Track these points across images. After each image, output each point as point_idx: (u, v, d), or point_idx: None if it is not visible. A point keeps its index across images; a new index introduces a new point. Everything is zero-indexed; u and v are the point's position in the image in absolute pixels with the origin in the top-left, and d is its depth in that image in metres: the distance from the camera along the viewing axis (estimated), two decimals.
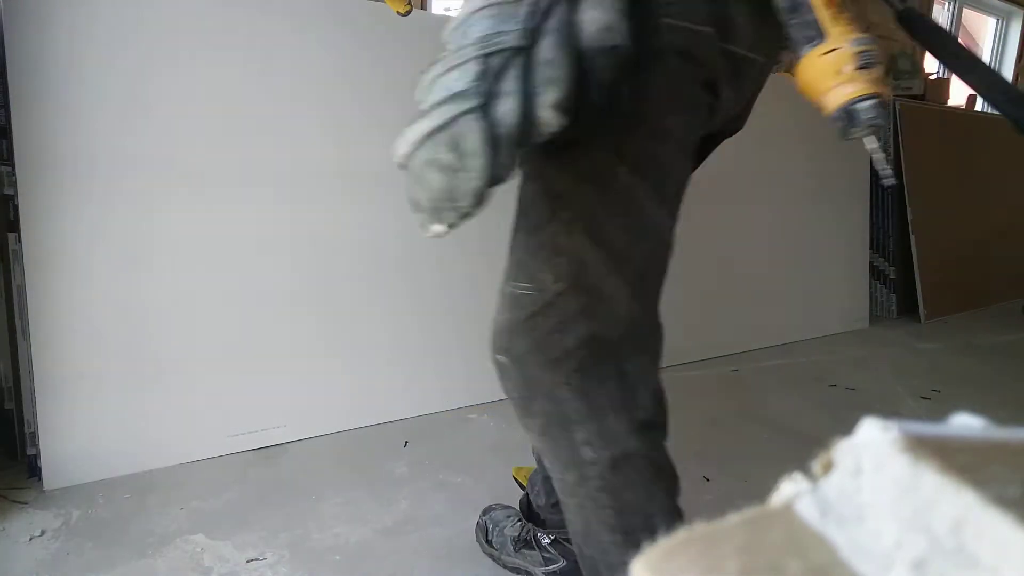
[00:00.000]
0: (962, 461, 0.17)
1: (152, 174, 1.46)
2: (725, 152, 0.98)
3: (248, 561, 1.21)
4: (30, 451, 1.42)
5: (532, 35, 0.59)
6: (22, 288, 1.37)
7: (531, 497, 1.12)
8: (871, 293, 3.29)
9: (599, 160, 0.70)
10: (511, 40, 0.59)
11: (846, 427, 0.19)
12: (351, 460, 1.59)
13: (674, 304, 2.46)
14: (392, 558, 1.25)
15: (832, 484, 0.19)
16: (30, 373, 1.39)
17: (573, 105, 0.60)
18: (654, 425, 0.78)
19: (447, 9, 2.32)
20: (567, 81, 0.59)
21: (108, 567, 1.18)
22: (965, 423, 0.20)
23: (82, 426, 1.42)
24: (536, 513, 1.12)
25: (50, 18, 1.34)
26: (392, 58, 1.71)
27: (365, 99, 1.69)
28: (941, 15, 4.35)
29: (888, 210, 3.28)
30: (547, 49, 0.59)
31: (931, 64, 4.17)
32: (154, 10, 1.44)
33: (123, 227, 1.45)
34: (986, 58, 4.83)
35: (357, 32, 1.69)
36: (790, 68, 0.64)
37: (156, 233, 1.48)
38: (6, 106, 1.33)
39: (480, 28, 0.60)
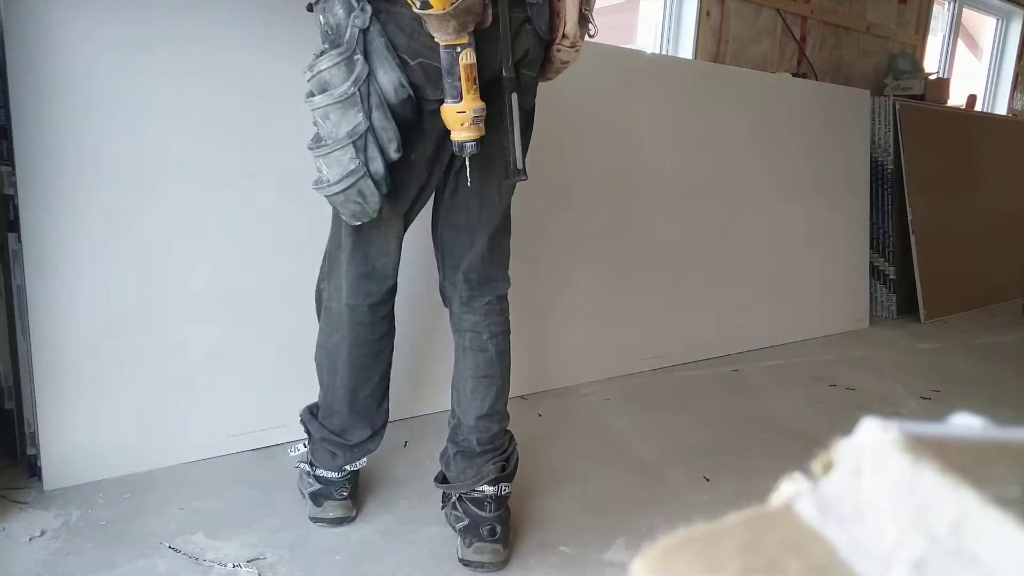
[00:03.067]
0: (962, 461, 0.17)
1: (152, 174, 1.46)
2: (726, 153, 0.99)
3: (248, 561, 1.21)
4: (30, 451, 1.42)
5: (369, 116, 1.04)
6: (22, 288, 1.37)
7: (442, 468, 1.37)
8: (871, 293, 3.29)
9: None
10: (362, 127, 1.04)
11: (846, 427, 0.19)
12: None
13: (675, 304, 2.48)
14: (392, 558, 1.25)
15: (832, 484, 0.19)
16: (30, 373, 1.39)
17: (401, 140, 1.07)
18: None
19: None
20: (394, 131, 1.06)
21: (108, 567, 1.18)
22: (965, 423, 0.20)
23: (82, 426, 1.42)
24: (446, 478, 1.34)
25: (50, 18, 1.34)
26: None
27: None
28: (941, 15, 4.35)
29: (888, 210, 3.28)
30: (378, 120, 1.05)
31: (931, 64, 4.17)
32: (154, 10, 1.44)
33: (123, 227, 1.45)
34: (986, 58, 4.83)
35: None
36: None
37: (156, 232, 1.48)
38: (6, 106, 1.33)
39: (344, 126, 1.03)
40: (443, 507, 1.35)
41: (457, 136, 1.04)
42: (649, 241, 2.36)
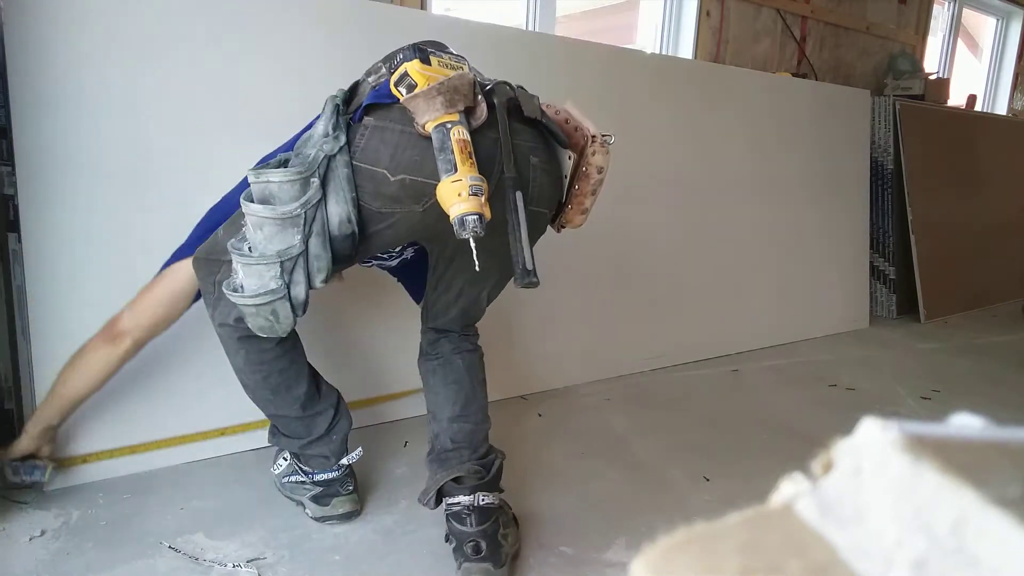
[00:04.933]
0: (962, 461, 0.17)
1: (152, 173, 1.46)
2: (726, 153, 0.99)
3: (248, 561, 1.21)
4: None
5: (306, 240, 1.01)
6: (22, 288, 1.37)
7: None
8: (871, 293, 3.29)
9: None
10: (296, 250, 1.01)
11: (846, 427, 0.19)
12: None
13: (675, 304, 2.48)
14: (392, 558, 1.25)
15: (832, 484, 0.19)
16: (30, 373, 1.39)
17: (332, 269, 1.05)
18: None
19: (448, 10, 2.32)
20: (328, 262, 1.04)
21: (108, 567, 1.18)
22: (965, 423, 0.20)
23: (82, 427, 1.42)
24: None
25: (50, 18, 1.34)
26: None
27: None
28: (941, 15, 4.35)
29: (888, 210, 3.28)
30: (315, 247, 1.02)
31: (931, 64, 4.17)
32: (154, 9, 1.44)
33: (123, 227, 1.45)
34: (986, 58, 4.83)
35: (358, 30, 1.69)
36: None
37: (156, 233, 1.48)
38: (6, 106, 1.33)
39: (276, 244, 1.00)
40: (446, 539, 1.27)
41: (457, 211, 0.95)
42: (649, 241, 2.36)
